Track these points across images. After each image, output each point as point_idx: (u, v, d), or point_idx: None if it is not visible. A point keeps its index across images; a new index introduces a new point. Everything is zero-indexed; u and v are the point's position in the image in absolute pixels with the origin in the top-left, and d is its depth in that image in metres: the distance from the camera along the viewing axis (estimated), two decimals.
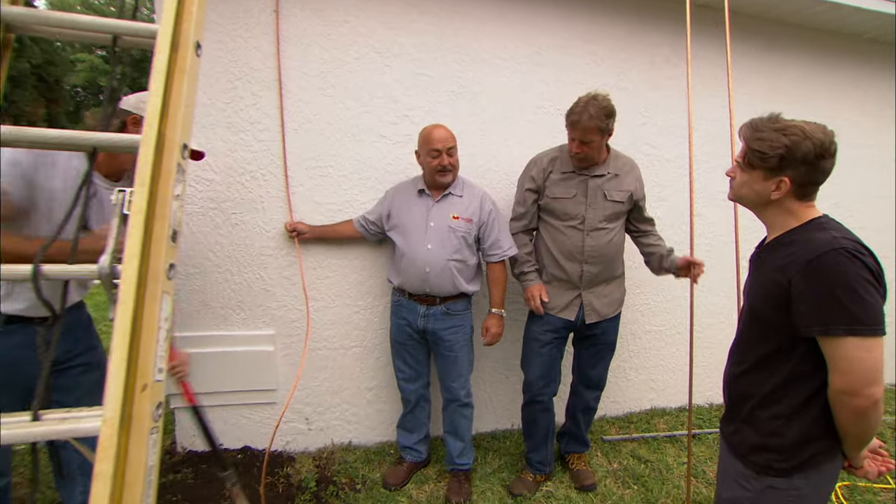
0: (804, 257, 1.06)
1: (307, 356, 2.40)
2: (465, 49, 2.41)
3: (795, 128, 1.10)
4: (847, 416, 1.07)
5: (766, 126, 1.14)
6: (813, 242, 1.08)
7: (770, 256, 1.18)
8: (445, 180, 2.06)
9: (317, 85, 2.23)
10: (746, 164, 1.18)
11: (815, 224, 1.13)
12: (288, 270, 2.33)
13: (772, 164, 1.12)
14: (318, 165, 2.29)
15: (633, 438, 2.74)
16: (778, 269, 1.12)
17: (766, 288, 1.15)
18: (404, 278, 2.10)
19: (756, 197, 1.19)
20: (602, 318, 2.15)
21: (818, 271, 1.04)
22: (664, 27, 2.69)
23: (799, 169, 1.10)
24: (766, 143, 1.12)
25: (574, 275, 2.09)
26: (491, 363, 2.71)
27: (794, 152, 1.08)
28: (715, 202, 2.93)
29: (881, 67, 3.23)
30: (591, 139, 1.93)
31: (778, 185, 1.13)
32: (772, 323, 1.15)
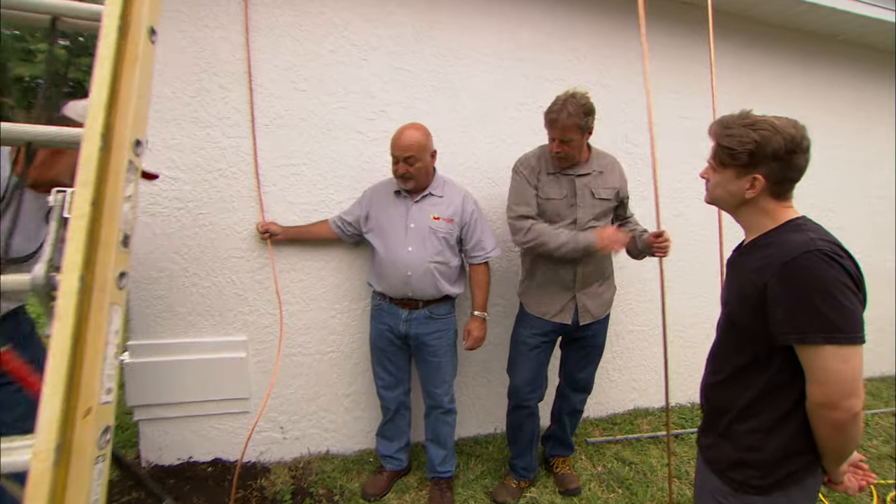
0: (780, 259, 1.01)
1: (281, 362, 2.30)
2: (444, 43, 2.33)
3: (765, 122, 1.06)
4: (826, 430, 1.03)
5: (736, 123, 1.09)
6: (789, 244, 1.03)
7: (746, 259, 1.14)
8: (404, 186, 1.98)
9: (289, 79, 2.13)
10: (718, 164, 1.13)
11: (793, 225, 1.08)
12: (260, 273, 2.22)
13: (742, 161, 1.07)
14: (292, 163, 2.19)
15: (617, 440, 2.72)
16: (754, 272, 1.07)
17: (742, 293, 1.10)
18: (385, 282, 2.02)
19: (730, 197, 1.13)
20: (595, 320, 2.11)
21: (794, 275, 0.99)
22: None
23: (771, 165, 1.05)
24: (734, 140, 1.07)
25: (567, 277, 2.03)
26: (473, 366, 2.65)
27: (765, 147, 1.04)
28: (696, 203, 2.91)
29: (851, 68, 3.28)
30: (571, 138, 1.88)
31: (752, 183, 1.08)
32: (748, 330, 1.09)
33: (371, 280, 2.12)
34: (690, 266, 3.01)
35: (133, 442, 2.23)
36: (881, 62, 3.35)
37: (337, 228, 2.16)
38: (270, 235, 2.13)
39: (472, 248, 2.08)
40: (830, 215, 3.25)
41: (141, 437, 2.15)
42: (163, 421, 2.14)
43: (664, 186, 2.86)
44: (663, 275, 1.96)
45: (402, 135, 1.92)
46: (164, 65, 1.93)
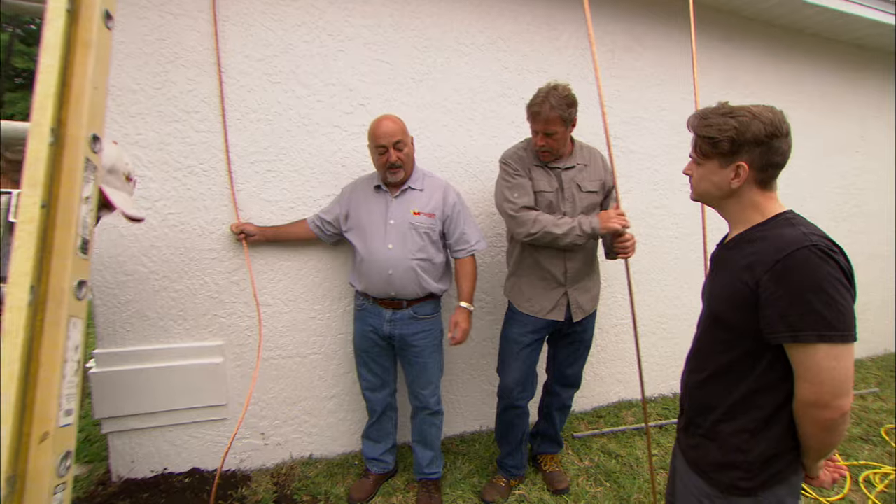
0: (772, 256, 0.98)
1: (260, 366, 2.21)
2: (424, 33, 2.27)
3: (742, 109, 1.05)
4: (813, 429, 1.01)
5: (713, 113, 1.08)
6: (781, 239, 0.99)
7: (733, 255, 1.10)
8: (395, 177, 1.91)
9: (262, 70, 2.03)
10: (700, 155, 1.10)
11: (782, 219, 1.05)
12: (236, 274, 2.12)
13: (724, 149, 1.05)
14: (266, 159, 2.10)
15: (603, 433, 2.73)
16: (744, 269, 1.03)
17: (731, 290, 1.06)
18: (367, 282, 1.96)
19: (716, 189, 1.10)
20: (586, 315, 2.09)
21: (788, 271, 0.95)
22: (620, 15, 2.65)
23: (753, 151, 1.03)
24: (713, 129, 1.05)
25: (557, 272, 1.99)
26: (459, 364, 2.61)
27: (745, 133, 1.02)
28: (678, 195, 2.94)
29: (819, 62, 3.35)
30: (555, 130, 1.85)
31: (736, 172, 1.05)
32: (736, 328, 1.06)
33: (352, 280, 2.05)
34: (671, 257, 3.04)
35: (103, 456, 2.11)
36: (845, 54, 3.43)
37: (316, 228, 2.08)
38: (246, 236, 2.04)
39: (456, 242, 2.03)
40: (804, 205, 3.33)
41: (111, 450, 2.04)
42: (134, 432, 2.03)
43: (645, 178, 2.89)
44: (629, 270, 1.93)
45: (383, 122, 1.86)
46: (126, 55, 1.81)
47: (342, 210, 2.02)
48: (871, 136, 3.70)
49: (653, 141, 2.85)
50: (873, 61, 3.58)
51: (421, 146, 2.27)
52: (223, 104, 1.97)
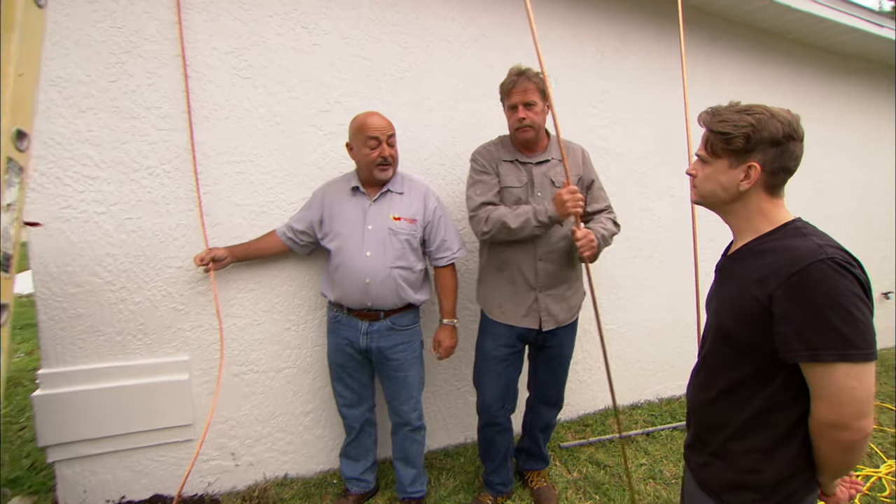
0: (786, 269, 0.91)
1: (229, 382, 2.06)
2: (405, 29, 2.16)
3: (760, 107, 0.99)
4: (831, 450, 0.95)
5: (728, 109, 1.02)
6: (795, 251, 0.93)
7: (741, 267, 1.03)
8: (385, 175, 1.80)
9: (231, 64, 1.88)
10: (709, 153, 1.04)
11: (792, 229, 0.99)
12: (203, 284, 1.96)
13: (737, 146, 0.98)
14: (235, 160, 1.95)
15: (591, 443, 2.66)
16: (755, 283, 0.96)
17: (740, 305, 1.00)
18: (341, 291, 1.83)
19: (722, 191, 1.04)
20: (559, 325, 1.95)
21: (804, 286, 0.89)
22: (612, 16, 2.59)
23: (767, 151, 0.97)
24: (729, 124, 0.99)
25: (530, 274, 1.88)
26: (441, 375, 2.50)
27: (761, 131, 0.96)
28: (665, 198, 2.90)
29: (798, 66, 3.38)
30: (534, 101, 1.78)
31: (746, 173, 0.99)
32: (747, 345, 1.00)
33: (325, 290, 1.92)
34: (657, 261, 3.00)
35: (49, 486, 1.92)
36: (822, 59, 3.47)
37: (287, 240, 1.94)
38: (215, 263, 1.87)
39: (437, 250, 1.93)
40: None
41: (59, 480, 1.84)
42: (87, 459, 1.85)
43: (632, 182, 2.84)
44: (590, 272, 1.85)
45: (372, 116, 1.77)
46: (74, 42, 1.64)
47: (315, 215, 1.88)
48: (847, 139, 3.76)
49: (639, 143, 2.80)
50: (847, 66, 3.64)
51: (401, 147, 2.15)
52: (188, 99, 1.82)
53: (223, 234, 1.96)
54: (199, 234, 1.91)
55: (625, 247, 2.86)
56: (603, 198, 2.01)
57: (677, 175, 2.90)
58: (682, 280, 3.08)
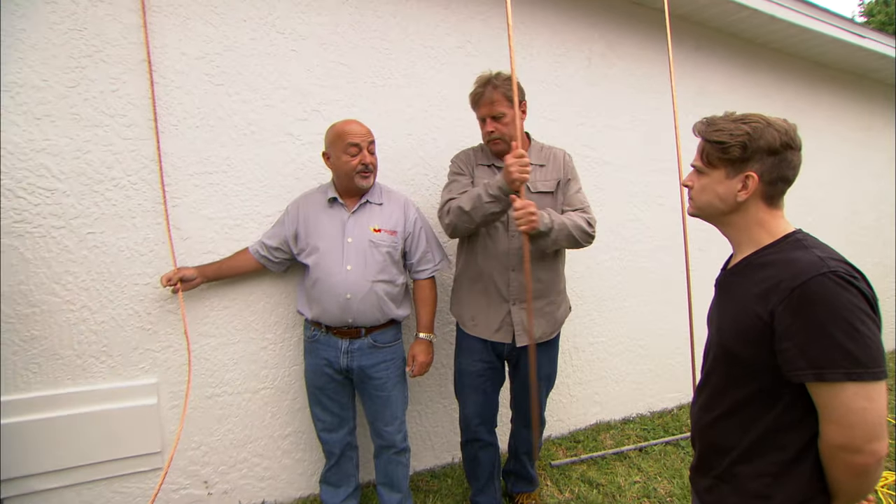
0: (787, 284, 0.88)
1: (202, 405, 1.94)
2: (387, 35, 2.09)
3: (756, 116, 0.98)
4: (844, 474, 0.90)
5: (723, 119, 1.00)
6: (796, 264, 0.90)
7: (741, 281, 1.00)
8: (367, 183, 1.72)
9: (202, 70, 1.79)
10: (706, 163, 1.01)
11: (793, 241, 0.96)
12: (173, 301, 1.85)
13: (734, 155, 0.96)
14: (207, 171, 1.85)
15: (582, 460, 2.57)
16: (756, 299, 0.93)
17: (741, 321, 0.96)
18: (320, 308, 1.73)
19: (720, 202, 1.01)
20: (535, 341, 1.78)
21: (807, 301, 0.86)
22: (598, 23, 2.56)
23: (765, 160, 0.95)
24: (725, 133, 0.96)
25: (502, 284, 1.78)
26: (426, 392, 2.41)
27: (758, 140, 0.94)
28: (653, 207, 2.86)
29: (783, 76, 3.38)
30: (502, 112, 1.68)
31: (744, 183, 0.96)
32: (750, 364, 0.95)
33: (301, 307, 1.82)
34: (646, 272, 2.95)
35: None
36: (805, 69, 3.49)
37: (261, 258, 1.84)
38: (183, 283, 1.75)
39: (419, 262, 1.85)
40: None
41: None
42: (41, 495, 1.71)
43: (619, 190, 2.79)
44: (528, 249, 1.79)
45: (351, 123, 1.70)
46: (29, 46, 1.53)
47: (290, 230, 1.79)
48: (834, 148, 3.78)
49: (626, 152, 2.76)
50: (833, 76, 3.66)
51: (382, 156, 2.08)
52: (155, 107, 1.72)
53: (193, 248, 1.86)
54: (166, 248, 1.80)
55: (613, 257, 2.81)
56: (580, 200, 1.82)
57: (665, 184, 2.87)
58: (671, 290, 3.03)
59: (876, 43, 3.30)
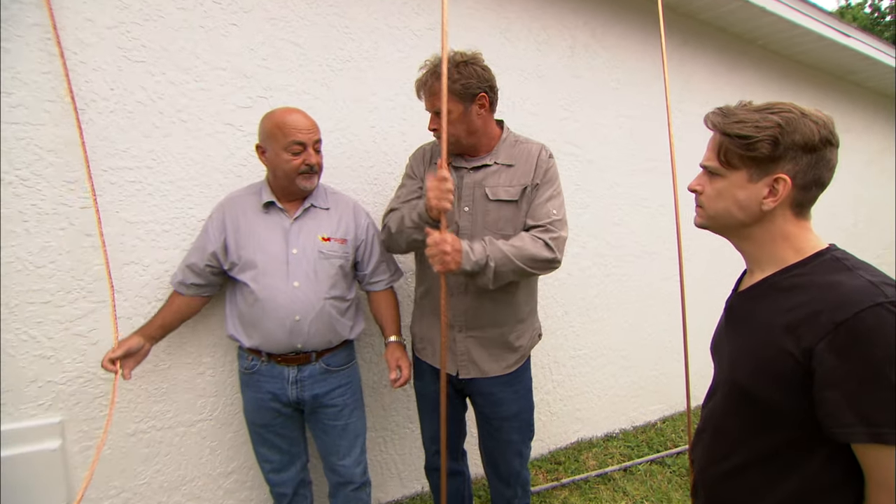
0: (831, 316, 0.71)
1: (122, 445, 1.64)
2: (346, 11, 1.82)
3: (786, 104, 0.79)
4: None
5: (744, 109, 0.82)
6: (840, 290, 0.73)
7: (762, 307, 0.83)
8: (310, 185, 1.45)
9: (115, 43, 1.48)
10: (724, 163, 0.83)
11: (830, 259, 0.79)
12: (81, 323, 1.54)
13: (762, 153, 0.78)
14: (126, 166, 1.54)
15: (564, 484, 2.37)
16: (783, 331, 0.76)
17: (764, 358, 0.79)
18: (262, 334, 1.45)
19: (739, 211, 0.82)
20: (483, 376, 1.53)
21: (860, 339, 0.68)
22: (580, 8, 2.34)
23: (800, 160, 0.77)
24: (749, 125, 0.78)
25: (448, 308, 1.49)
26: (393, 417, 2.16)
27: (792, 134, 0.76)
28: (639, 209, 2.68)
29: (766, 73, 3.27)
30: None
31: (772, 187, 0.79)
32: (776, 410, 0.78)
33: (234, 332, 1.52)
34: (631, 279, 2.77)
35: None
36: (786, 68, 3.39)
37: (191, 289, 1.50)
38: (128, 357, 1.40)
39: (373, 273, 1.61)
40: None
41: None
42: None
43: (604, 192, 2.59)
44: (444, 285, 1.59)
45: (293, 115, 1.41)
46: None
47: (215, 243, 1.48)
48: None
49: (612, 150, 2.56)
50: (812, 78, 3.58)
51: (340, 152, 1.82)
52: (67, 87, 1.40)
53: (111, 259, 1.54)
54: (73, 259, 1.49)
55: (597, 263, 2.61)
56: (545, 213, 1.43)
57: (651, 184, 2.70)
58: (655, 298, 2.87)
59: (860, 43, 3.22)
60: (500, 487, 1.69)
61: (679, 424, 2.96)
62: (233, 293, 1.53)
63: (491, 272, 1.32)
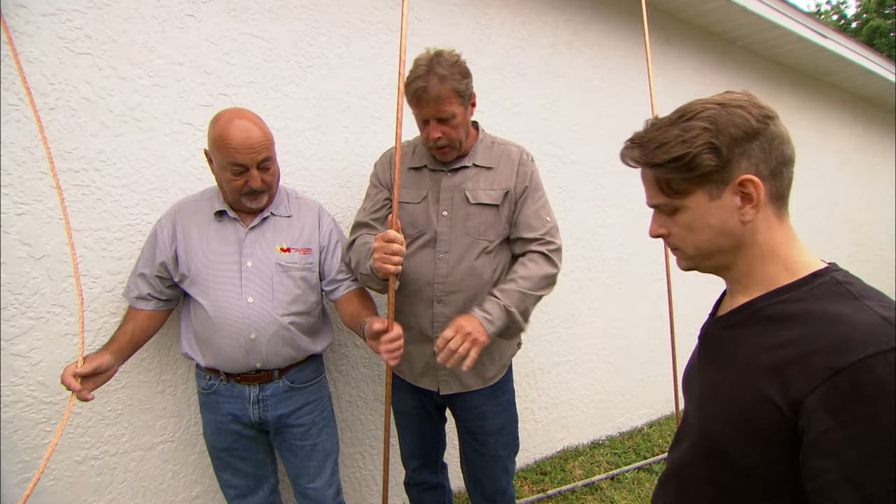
0: (827, 360, 0.56)
1: (70, 474, 1.49)
2: (316, 4, 1.71)
3: (694, 104, 0.68)
4: None
5: (654, 130, 0.70)
6: (841, 326, 0.58)
7: (742, 338, 0.68)
8: (257, 204, 1.31)
9: (54, 31, 1.35)
10: (671, 196, 0.70)
11: (830, 284, 0.63)
12: (21, 342, 1.39)
13: (708, 165, 0.65)
14: (72, 168, 1.41)
15: (550, 496, 2.30)
16: (766, 374, 0.62)
17: (739, 406, 0.64)
18: (215, 353, 1.33)
19: (721, 236, 0.69)
20: (466, 390, 1.46)
21: (863, 396, 0.53)
22: (561, 4, 2.28)
23: (751, 150, 0.65)
24: (674, 145, 0.66)
25: (425, 321, 1.42)
26: (368, 430, 2.05)
27: (725, 130, 0.64)
28: (623, 211, 2.63)
29: (748, 74, 3.28)
30: (452, 113, 1.28)
31: (742, 192, 0.66)
32: (751, 469, 0.64)
33: (188, 350, 1.39)
34: (616, 282, 2.72)
35: None
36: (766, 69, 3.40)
37: (150, 303, 1.37)
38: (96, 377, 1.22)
39: (331, 281, 1.46)
40: None
41: None
42: None
43: (587, 193, 2.53)
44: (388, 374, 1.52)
45: (240, 127, 1.21)
46: None
47: (166, 251, 1.34)
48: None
49: (595, 150, 2.51)
50: (791, 78, 3.61)
51: (311, 154, 1.71)
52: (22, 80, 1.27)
53: (54, 269, 1.41)
54: (8, 271, 1.35)
55: (581, 267, 2.55)
56: (541, 221, 1.41)
57: (636, 185, 2.64)
58: (641, 302, 2.82)
59: (836, 44, 3.25)
60: None
61: (666, 429, 2.92)
62: (186, 308, 1.41)
63: (518, 317, 1.30)
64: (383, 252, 1.18)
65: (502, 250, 1.44)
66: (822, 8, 17.73)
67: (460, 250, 1.38)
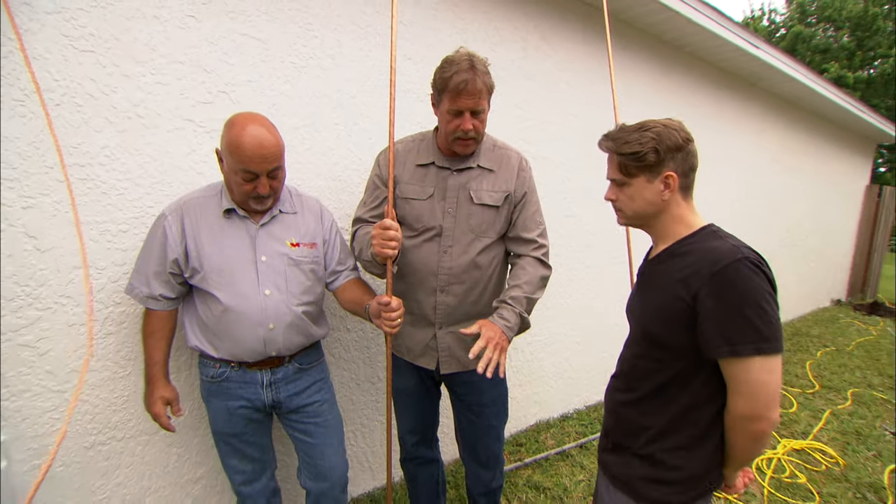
0: (707, 269, 0.97)
1: (78, 460, 1.54)
2: (309, 7, 1.80)
3: (649, 122, 1.08)
4: (744, 441, 1.02)
5: (624, 132, 1.09)
6: (714, 252, 0.99)
7: (664, 269, 1.09)
8: (262, 207, 1.40)
9: (58, 29, 1.38)
10: (625, 175, 1.10)
11: (709, 232, 1.07)
12: (28, 332, 1.43)
13: (651, 161, 1.05)
14: (77, 163, 1.45)
15: (526, 464, 2.51)
16: (678, 283, 1.02)
17: (666, 306, 1.04)
18: (233, 343, 1.40)
19: (649, 206, 1.09)
20: (464, 369, 1.60)
21: (724, 284, 0.95)
22: (530, 11, 2.47)
23: (676, 158, 1.05)
24: (635, 144, 1.06)
25: (427, 307, 1.56)
26: (363, 410, 2.18)
27: (664, 141, 1.04)
28: (589, 202, 2.87)
29: (699, 80, 3.61)
30: (483, 108, 1.43)
31: (665, 182, 1.06)
32: (673, 346, 1.04)
33: (198, 343, 1.44)
34: (582, 267, 2.97)
35: None
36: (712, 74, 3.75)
37: (168, 304, 1.43)
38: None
39: (332, 272, 1.58)
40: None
41: None
42: None
43: (556, 187, 2.75)
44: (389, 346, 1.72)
45: (255, 136, 1.27)
46: None
47: (176, 247, 1.37)
48: (730, 152, 4.12)
49: (563, 148, 2.72)
50: (732, 83, 3.98)
51: (305, 149, 1.82)
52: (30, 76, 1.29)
53: (61, 262, 1.45)
54: (15, 263, 1.38)
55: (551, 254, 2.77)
56: (537, 223, 1.59)
57: (598, 179, 2.89)
58: (603, 283, 3.08)
59: (765, 53, 3.63)
60: (478, 471, 1.77)
61: None
62: (191, 302, 1.45)
63: (528, 319, 1.51)
64: (381, 238, 1.34)
65: (498, 245, 1.60)
66: (754, 13, 18.96)
67: (464, 245, 1.53)
